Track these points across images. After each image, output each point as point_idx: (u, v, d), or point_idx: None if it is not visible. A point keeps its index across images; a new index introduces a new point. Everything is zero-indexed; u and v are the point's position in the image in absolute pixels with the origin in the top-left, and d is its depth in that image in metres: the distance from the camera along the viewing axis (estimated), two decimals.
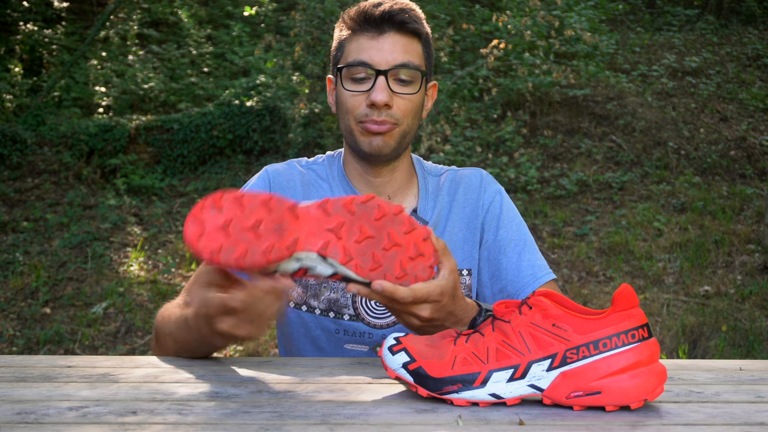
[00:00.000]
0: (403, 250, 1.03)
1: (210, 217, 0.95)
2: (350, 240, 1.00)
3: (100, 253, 5.89)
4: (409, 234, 1.04)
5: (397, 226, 1.03)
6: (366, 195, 1.03)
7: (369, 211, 1.02)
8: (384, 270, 1.01)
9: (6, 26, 9.16)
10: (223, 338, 1.08)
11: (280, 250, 0.96)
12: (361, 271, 1.00)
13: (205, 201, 0.95)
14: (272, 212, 0.96)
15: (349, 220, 1.00)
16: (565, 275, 5.37)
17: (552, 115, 7.54)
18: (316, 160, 1.51)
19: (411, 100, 1.35)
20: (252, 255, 0.95)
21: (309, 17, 7.15)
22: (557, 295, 0.94)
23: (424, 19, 1.41)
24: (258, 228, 0.95)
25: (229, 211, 0.95)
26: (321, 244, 0.98)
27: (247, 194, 0.96)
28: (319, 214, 1.00)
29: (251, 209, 0.96)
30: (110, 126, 7.45)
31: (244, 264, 0.95)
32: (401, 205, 1.05)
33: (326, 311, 1.40)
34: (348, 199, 1.01)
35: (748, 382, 1.07)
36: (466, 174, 1.50)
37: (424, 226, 1.06)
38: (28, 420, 0.85)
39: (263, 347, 4.50)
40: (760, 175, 6.77)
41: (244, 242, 0.95)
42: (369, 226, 1.01)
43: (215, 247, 0.93)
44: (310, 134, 7.03)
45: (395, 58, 1.32)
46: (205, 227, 0.94)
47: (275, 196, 0.97)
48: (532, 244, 1.45)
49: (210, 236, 0.94)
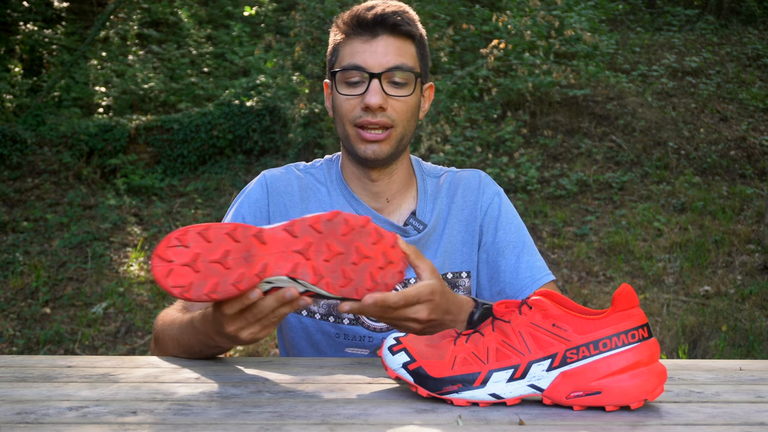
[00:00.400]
0: (373, 262, 1.04)
1: (177, 253, 0.94)
2: (319, 259, 1.00)
3: (100, 253, 5.89)
4: (377, 244, 1.05)
5: (365, 238, 1.04)
6: (331, 212, 1.03)
7: (336, 228, 1.02)
8: (355, 285, 1.02)
9: (6, 26, 9.16)
10: (228, 340, 1.08)
11: (250, 278, 0.96)
12: (332, 289, 1.00)
13: (170, 238, 0.94)
14: (239, 241, 0.96)
15: (316, 239, 1.00)
16: (565, 275, 5.37)
17: (552, 115, 7.54)
18: (314, 164, 1.50)
19: (406, 102, 1.35)
20: (223, 287, 0.94)
21: (309, 17, 7.15)
22: (557, 295, 0.94)
23: (418, 21, 1.41)
24: (226, 259, 0.95)
25: (195, 246, 0.94)
26: (290, 266, 0.98)
27: (212, 227, 0.96)
28: (285, 236, 0.99)
29: (217, 241, 0.95)
30: (110, 126, 7.45)
31: (216, 297, 0.94)
32: (367, 216, 1.05)
33: (326, 316, 1.40)
34: (314, 218, 1.01)
35: (748, 382, 1.07)
36: (464, 176, 1.50)
37: (391, 233, 1.07)
38: (28, 420, 0.85)
39: (263, 347, 4.50)
40: (760, 175, 6.77)
41: (213, 275, 0.94)
42: (337, 242, 1.02)
43: (185, 284, 0.93)
44: (310, 134, 7.03)
45: (388, 61, 1.32)
46: (172, 265, 0.93)
47: (240, 226, 0.97)
48: (530, 246, 1.45)
49: (178, 273, 0.93)
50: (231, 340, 1.07)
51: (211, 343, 1.14)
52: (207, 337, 1.12)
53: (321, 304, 1.40)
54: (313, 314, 1.41)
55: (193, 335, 1.17)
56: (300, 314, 1.42)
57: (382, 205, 1.44)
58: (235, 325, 1.02)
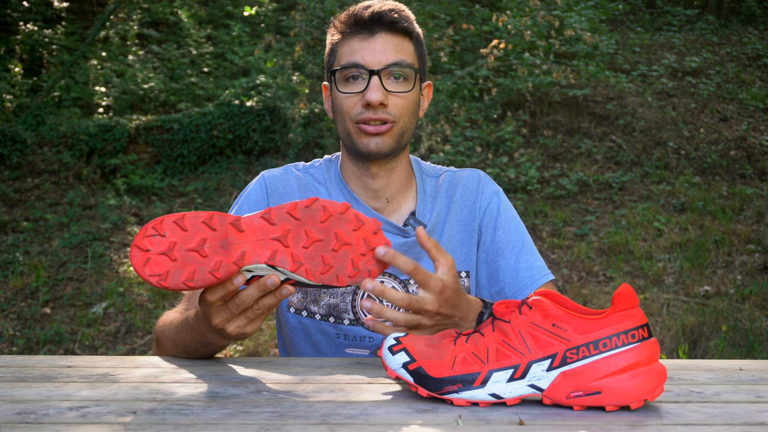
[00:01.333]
0: (354, 248, 1.03)
1: (153, 243, 0.94)
2: (297, 246, 1.00)
3: (100, 253, 5.89)
4: (358, 230, 1.04)
5: (344, 225, 1.03)
6: (309, 198, 1.02)
7: (314, 214, 1.02)
8: (335, 271, 1.02)
9: (6, 26, 9.16)
10: (220, 336, 1.08)
11: (228, 265, 0.96)
12: (311, 276, 1.00)
13: (147, 228, 0.94)
14: (216, 229, 0.96)
15: (294, 226, 1.00)
16: (565, 275, 5.37)
17: (552, 115, 7.54)
18: (313, 164, 1.50)
19: (406, 98, 1.35)
20: (200, 275, 0.94)
21: (309, 17, 7.15)
22: (557, 295, 0.94)
23: (414, 20, 1.42)
24: (203, 247, 0.95)
25: (171, 234, 0.94)
26: (269, 254, 0.98)
27: (188, 215, 0.96)
28: (263, 224, 0.99)
29: (194, 230, 0.95)
30: (110, 126, 7.45)
31: (193, 285, 0.94)
32: (347, 203, 1.05)
33: (326, 316, 1.40)
34: (291, 205, 1.01)
35: (748, 382, 1.07)
36: (464, 175, 1.50)
37: (373, 219, 1.06)
38: (28, 420, 0.85)
39: (263, 347, 4.50)
40: (760, 175, 6.77)
41: (190, 264, 0.94)
42: (315, 229, 1.01)
43: (162, 272, 0.93)
44: (310, 134, 7.03)
45: (387, 58, 1.33)
46: (149, 254, 0.94)
47: (217, 214, 0.97)
48: (530, 246, 1.45)
49: (155, 262, 0.93)
50: (220, 335, 1.07)
51: (205, 341, 1.14)
52: (200, 335, 1.13)
53: (321, 305, 1.40)
54: (313, 314, 1.41)
55: (189, 333, 1.18)
56: (300, 314, 1.42)
57: (382, 205, 1.44)
58: (221, 317, 1.02)
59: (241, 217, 0.99)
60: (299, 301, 1.42)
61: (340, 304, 1.40)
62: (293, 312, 1.43)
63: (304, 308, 1.41)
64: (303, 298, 1.41)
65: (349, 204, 1.05)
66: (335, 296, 1.40)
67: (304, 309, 1.41)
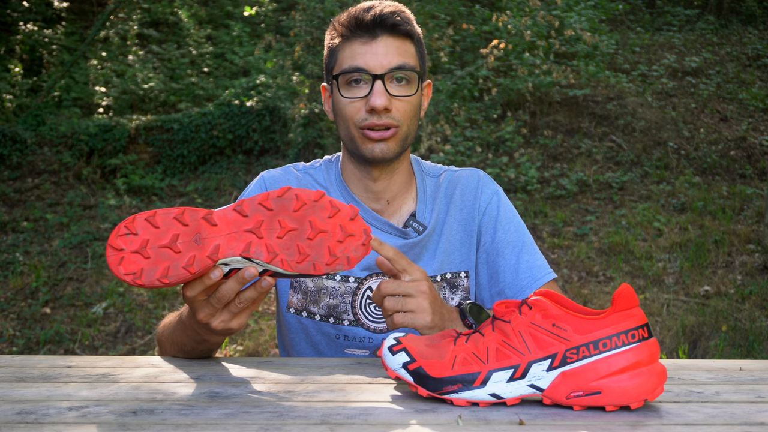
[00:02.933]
0: (330, 235, 1.02)
1: (126, 241, 0.94)
2: (272, 237, 0.99)
3: (100, 253, 5.88)
4: (333, 218, 1.03)
5: (319, 213, 1.02)
6: (281, 188, 1.02)
7: (287, 204, 1.01)
8: (312, 260, 1.01)
9: (6, 26, 9.16)
10: (207, 331, 1.08)
11: (203, 260, 0.95)
12: (287, 266, 0.99)
13: (120, 227, 0.95)
14: (188, 225, 0.96)
15: (267, 216, 1.00)
16: (565, 275, 5.37)
17: (552, 115, 7.54)
18: (313, 164, 1.50)
19: (409, 102, 1.34)
20: (174, 271, 0.94)
21: (309, 17, 7.15)
22: (557, 295, 0.94)
23: (414, 20, 1.41)
24: (176, 243, 0.95)
25: (144, 232, 0.95)
26: (243, 246, 0.98)
27: (160, 212, 0.96)
28: (236, 216, 0.99)
29: (166, 226, 0.95)
30: (110, 126, 7.44)
31: (168, 282, 0.94)
32: (321, 191, 1.04)
33: (326, 317, 1.40)
34: (263, 195, 1.01)
35: (748, 382, 1.07)
36: (463, 175, 1.49)
37: (350, 205, 1.05)
38: (28, 420, 0.85)
39: (263, 347, 4.50)
40: (760, 175, 6.77)
41: (164, 260, 0.94)
42: (289, 218, 1.01)
43: (136, 270, 0.93)
44: (310, 134, 7.03)
45: (390, 62, 1.32)
46: (123, 253, 0.94)
47: (188, 209, 0.97)
48: (530, 245, 1.45)
49: (129, 261, 0.94)
50: (207, 330, 1.07)
51: (198, 338, 1.15)
52: (193, 332, 1.14)
53: (321, 306, 1.40)
54: (312, 315, 1.41)
55: (183, 332, 1.18)
56: (300, 315, 1.42)
57: (382, 207, 1.44)
58: (204, 311, 1.02)
59: (214, 210, 0.99)
60: (299, 302, 1.42)
61: (339, 305, 1.39)
62: (293, 313, 1.43)
63: (303, 309, 1.41)
64: (302, 299, 1.41)
65: (324, 192, 1.04)
66: (335, 297, 1.39)
67: (303, 310, 1.41)
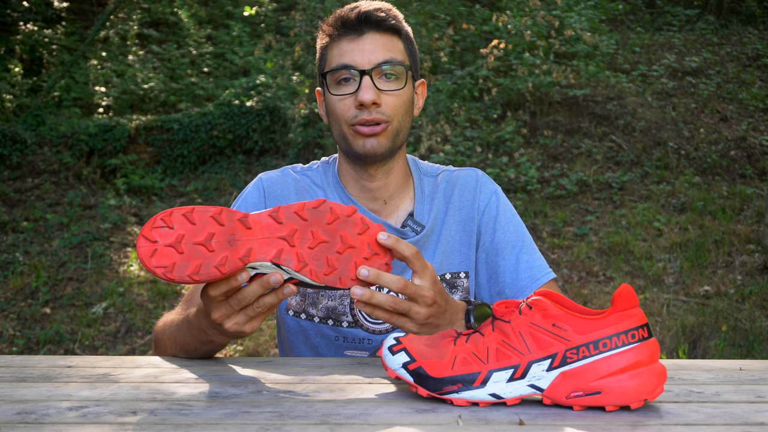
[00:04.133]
0: (358, 252, 1.04)
1: (161, 234, 0.94)
2: (303, 246, 1.00)
3: (100, 253, 5.89)
4: (363, 234, 1.05)
5: (350, 228, 1.04)
6: (317, 200, 1.03)
7: (321, 216, 1.02)
8: (339, 273, 1.02)
9: (6, 26, 9.16)
10: (218, 332, 1.08)
11: (234, 261, 0.96)
12: (315, 277, 1.01)
13: (156, 219, 0.95)
14: (224, 225, 0.97)
15: (301, 226, 1.01)
16: (565, 275, 5.37)
17: (552, 115, 7.54)
18: (311, 166, 1.50)
19: (399, 96, 1.34)
20: (206, 269, 0.95)
21: (309, 17, 7.15)
22: (557, 295, 0.94)
23: (403, 19, 1.41)
24: (210, 242, 0.95)
25: (180, 227, 0.95)
26: (274, 252, 0.99)
27: (198, 209, 0.97)
28: (270, 222, 1.00)
29: (202, 224, 0.96)
30: (110, 126, 7.45)
31: (198, 279, 0.95)
32: (354, 206, 1.05)
33: (325, 319, 1.40)
34: (299, 205, 1.02)
35: (748, 382, 1.07)
36: (461, 175, 1.49)
37: (378, 224, 1.07)
38: (28, 420, 0.85)
39: (263, 347, 4.50)
40: (760, 175, 6.77)
41: (197, 257, 0.95)
42: (321, 230, 1.02)
43: (168, 264, 0.94)
44: (310, 134, 7.03)
45: (377, 57, 1.32)
46: (157, 245, 0.94)
47: (225, 209, 0.98)
48: (530, 245, 1.44)
49: (162, 254, 0.94)
50: (218, 331, 1.08)
51: (204, 338, 1.15)
52: (200, 332, 1.14)
53: (320, 308, 1.40)
54: (311, 317, 1.41)
55: (189, 331, 1.18)
56: (299, 317, 1.42)
57: (379, 207, 1.44)
58: (220, 311, 1.03)
59: (249, 214, 1.00)
60: (298, 304, 1.42)
61: (338, 307, 1.40)
62: (292, 315, 1.43)
63: (302, 311, 1.41)
64: (301, 301, 1.41)
65: (356, 208, 1.06)
66: (333, 299, 1.40)
67: (302, 312, 1.41)
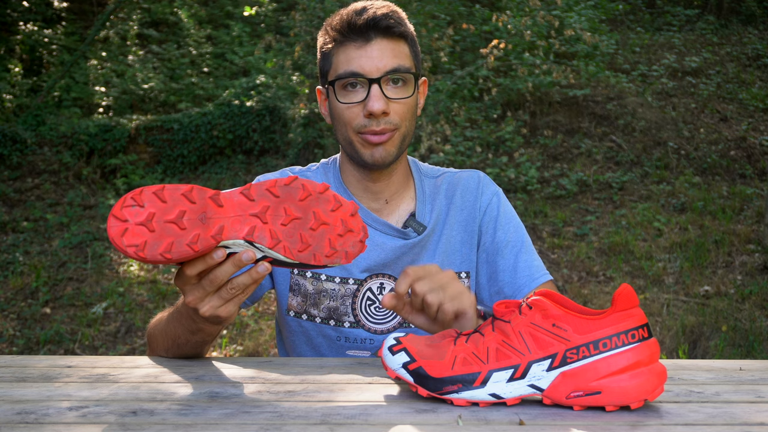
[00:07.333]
0: (331, 228, 1.03)
1: (132, 213, 0.93)
2: (276, 223, 1.00)
3: (100, 253, 5.89)
4: (336, 211, 1.04)
5: (323, 205, 1.03)
6: (289, 177, 1.02)
7: (293, 193, 1.02)
8: (313, 250, 1.02)
9: (6, 26, 9.16)
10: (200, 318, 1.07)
11: (206, 239, 0.95)
12: (289, 254, 1.00)
13: (126, 198, 0.94)
14: (195, 203, 0.96)
15: (273, 203, 1.00)
16: (565, 275, 5.37)
17: (552, 115, 7.53)
18: (309, 167, 1.50)
19: (407, 104, 1.34)
20: (178, 247, 0.94)
21: (309, 17, 7.15)
22: (557, 294, 0.94)
23: (407, 19, 1.40)
24: (182, 219, 0.94)
25: (150, 205, 0.94)
26: (247, 230, 0.98)
27: (168, 187, 0.96)
28: (242, 199, 0.99)
29: (173, 202, 0.95)
30: (110, 126, 7.44)
31: (170, 257, 0.94)
32: (326, 183, 1.05)
33: (326, 319, 1.40)
34: (271, 182, 1.01)
35: (748, 382, 1.07)
36: (463, 176, 1.49)
37: (351, 202, 1.07)
38: (28, 420, 0.85)
39: (263, 347, 4.50)
40: (760, 175, 6.77)
41: (168, 235, 0.94)
42: (294, 207, 1.01)
43: (140, 243, 0.92)
44: (310, 134, 7.03)
45: (386, 65, 1.31)
46: (127, 224, 0.93)
47: (196, 187, 0.97)
48: (529, 246, 1.45)
49: (133, 232, 0.93)
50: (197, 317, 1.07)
51: (193, 326, 1.13)
52: (189, 320, 1.12)
53: (321, 308, 1.40)
54: (313, 318, 1.41)
55: (179, 321, 1.17)
56: (300, 318, 1.42)
57: (380, 206, 1.44)
58: (194, 294, 1.01)
59: (221, 192, 0.99)
60: (299, 305, 1.42)
61: (340, 307, 1.40)
62: (293, 315, 1.43)
63: (303, 312, 1.41)
64: (302, 302, 1.41)
65: (329, 185, 1.05)
66: (335, 299, 1.40)
67: (303, 312, 1.41)
